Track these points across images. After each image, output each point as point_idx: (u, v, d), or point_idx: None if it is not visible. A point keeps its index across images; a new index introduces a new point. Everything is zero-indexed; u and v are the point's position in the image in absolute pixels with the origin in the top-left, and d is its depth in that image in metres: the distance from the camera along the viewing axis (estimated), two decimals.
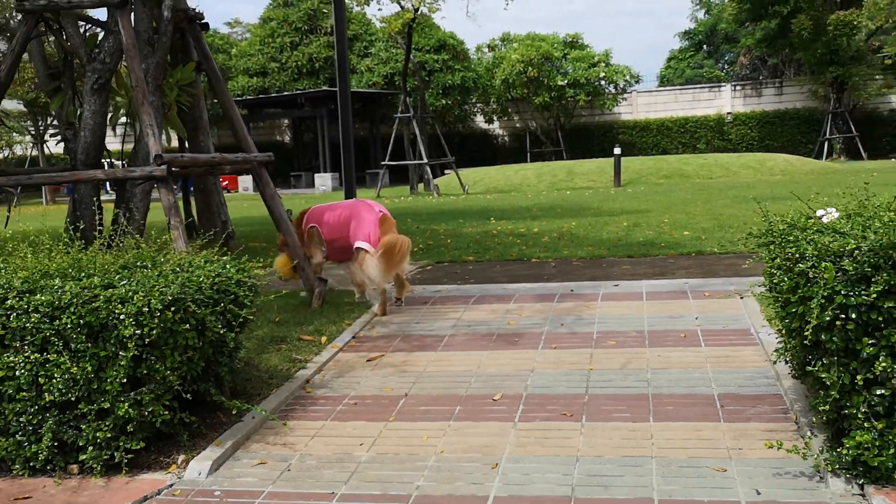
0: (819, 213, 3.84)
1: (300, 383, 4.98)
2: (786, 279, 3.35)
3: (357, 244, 6.32)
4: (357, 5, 29.42)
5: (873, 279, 3.06)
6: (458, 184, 25.46)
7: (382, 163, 26.53)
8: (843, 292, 3.10)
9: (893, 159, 30.80)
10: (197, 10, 6.19)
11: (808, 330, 3.16)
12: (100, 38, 5.83)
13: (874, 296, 3.04)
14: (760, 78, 39.72)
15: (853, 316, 3.08)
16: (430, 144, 29.61)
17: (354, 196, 10.95)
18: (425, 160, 25.40)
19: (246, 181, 37.06)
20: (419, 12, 24.69)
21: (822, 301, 3.11)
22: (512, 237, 10.46)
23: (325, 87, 35.45)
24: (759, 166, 26.14)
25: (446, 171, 29.59)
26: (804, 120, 34.81)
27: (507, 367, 5.03)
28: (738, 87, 36.53)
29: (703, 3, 49.17)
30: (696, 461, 3.60)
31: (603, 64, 34.71)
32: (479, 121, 39.27)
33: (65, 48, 5.87)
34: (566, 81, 34.54)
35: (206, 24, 6.28)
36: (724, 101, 36.13)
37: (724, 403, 4.19)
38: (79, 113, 5.83)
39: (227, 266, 4.49)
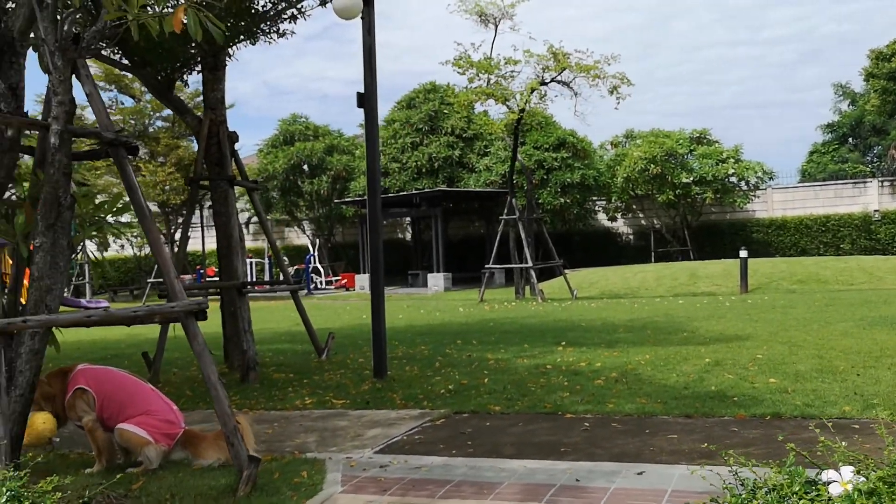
0: (826, 476, 2.24)
1: None
2: None
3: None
4: (459, 111, 28.94)
5: None
6: (573, 285, 23.99)
7: (486, 266, 25.35)
8: None
9: None
10: (124, 136, 5.19)
11: None
12: None
13: None
14: None
15: None
16: (539, 246, 28.26)
17: (383, 294, 9.81)
18: (530, 263, 24.03)
19: (363, 280, 36.69)
20: (524, 113, 23.71)
21: None
22: (563, 376, 8.88)
23: (442, 187, 34.95)
24: None
25: (564, 272, 28.09)
26: None
27: None
28: (886, 183, 33.37)
29: (846, 94, 46.07)
30: None
31: (732, 160, 32.50)
32: (602, 218, 37.64)
33: None
34: (692, 178, 32.51)
35: (136, 149, 5.28)
36: (871, 198, 33.02)
37: None
38: None
39: None
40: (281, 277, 12.49)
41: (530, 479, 5.25)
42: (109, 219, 7.71)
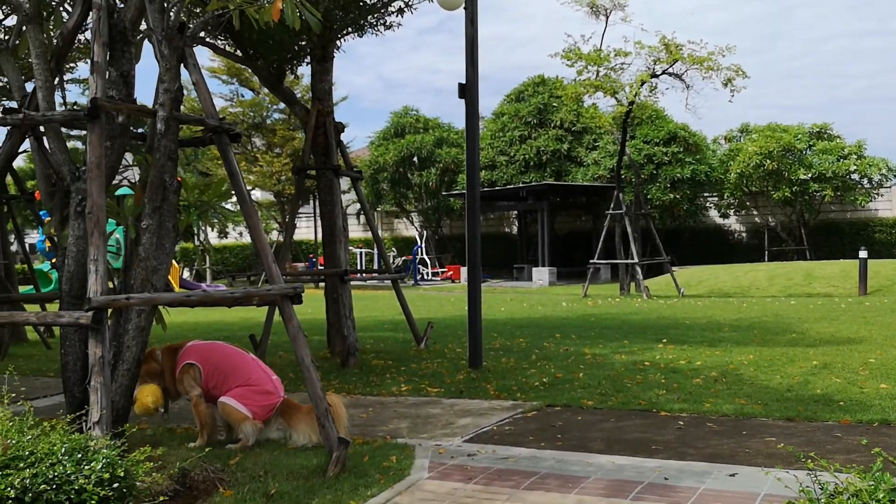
0: None
1: None
2: None
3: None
4: (567, 104, 28.63)
5: None
6: (680, 283, 23.48)
7: (591, 261, 25.06)
8: None
9: None
10: (226, 124, 5.37)
11: None
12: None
13: None
14: None
15: None
16: (647, 242, 27.71)
17: (479, 285, 9.95)
18: (636, 259, 23.61)
19: None
20: (634, 105, 23.25)
21: None
22: (660, 373, 8.70)
23: (549, 181, 34.68)
24: None
25: (673, 269, 27.45)
26: None
27: None
28: None
29: None
30: None
31: (854, 156, 31.01)
32: (713, 215, 36.58)
33: (51, 164, 5.33)
34: (810, 175, 31.19)
35: (238, 136, 5.46)
36: None
37: None
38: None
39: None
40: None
41: (617, 476, 5.18)
42: (229, 206, 8.00)
